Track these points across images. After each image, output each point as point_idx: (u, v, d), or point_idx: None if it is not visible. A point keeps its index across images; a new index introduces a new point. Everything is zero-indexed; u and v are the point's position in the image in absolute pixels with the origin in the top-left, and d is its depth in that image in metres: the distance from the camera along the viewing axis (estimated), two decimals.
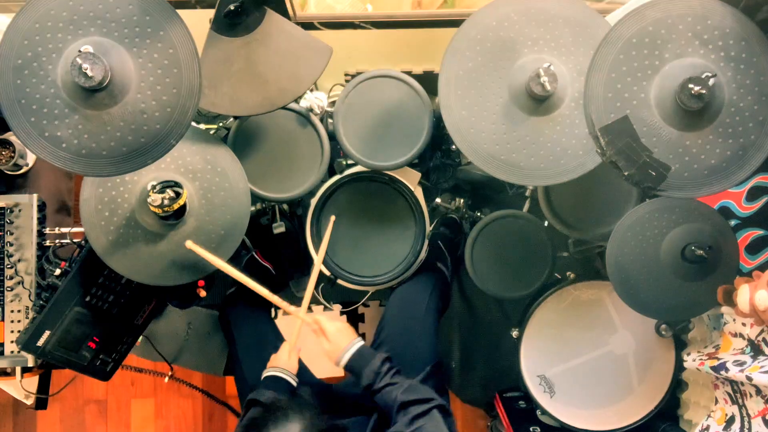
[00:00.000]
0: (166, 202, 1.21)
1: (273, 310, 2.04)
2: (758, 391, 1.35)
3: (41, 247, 1.56)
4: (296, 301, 2.33)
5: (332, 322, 1.40)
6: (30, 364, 1.53)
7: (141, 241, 1.30)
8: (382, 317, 1.66)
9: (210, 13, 1.28)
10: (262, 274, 1.89)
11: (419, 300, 1.64)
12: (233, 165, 1.36)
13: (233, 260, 1.78)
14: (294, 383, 1.41)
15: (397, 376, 1.33)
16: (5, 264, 1.53)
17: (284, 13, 1.37)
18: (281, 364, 1.43)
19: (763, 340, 1.34)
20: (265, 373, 1.42)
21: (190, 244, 1.28)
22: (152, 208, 1.22)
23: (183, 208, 1.28)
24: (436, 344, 1.62)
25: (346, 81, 1.77)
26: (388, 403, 1.29)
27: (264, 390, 1.35)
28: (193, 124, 1.47)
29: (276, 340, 1.67)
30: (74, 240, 1.56)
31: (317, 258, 1.56)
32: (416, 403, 1.26)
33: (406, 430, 1.21)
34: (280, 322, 1.81)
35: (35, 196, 1.56)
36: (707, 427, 1.48)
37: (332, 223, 1.61)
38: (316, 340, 1.42)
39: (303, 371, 1.63)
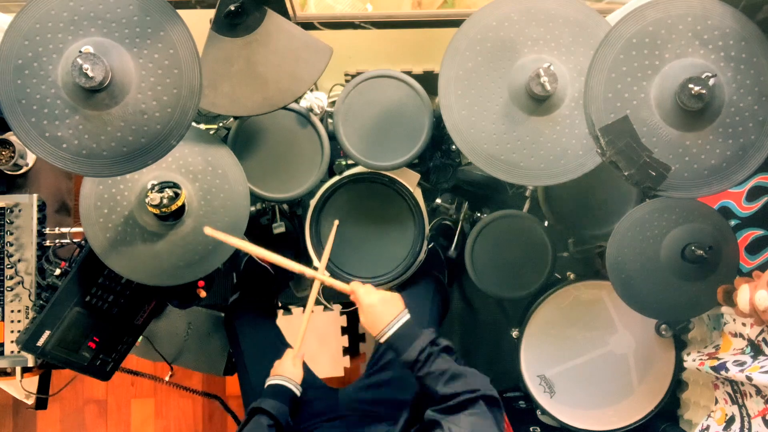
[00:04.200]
0: (165, 201, 1.21)
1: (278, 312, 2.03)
2: (758, 391, 1.35)
3: (41, 247, 1.56)
4: (296, 301, 2.31)
5: (371, 293, 1.28)
6: (30, 364, 1.53)
7: (139, 240, 1.29)
8: None
9: (210, 13, 1.28)
10: (262, 275, 1.89)
11: (420, 306, 1.62)
12: (234, 168, 1.35)
13: (231, 261, 1.78)
14: (298, 392, 1.38)
15: (440, 359, 1.22)
16: (5, 264, 1.53)
17: (284, 13, 1.37)
18: (285, 373, 1.40)
19: (763, 340, 1.34)
20: (269, 381, 1.39)
21: (209, 230, 1.24)
22: (150, 208, 1.22)
23: (181, 208, 1.28)
24: None
25: (346, 81, 1.77)
26: (430, 390, 1.20)
27: (268, 399, 1.33)
28: (194, 124, 1.47)
29: (282, 345, 1.66)
30: (74, 240, 1.57)
31: (324, 253, 1.53)
32: (456, 397, 1.14)
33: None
34: (282, 324, 1.81)
35: (35, 196, 1.56)
36: (707, 427, 1.48)
37: (335, 228, 1.60)
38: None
39: (307, 374, 1.62)
